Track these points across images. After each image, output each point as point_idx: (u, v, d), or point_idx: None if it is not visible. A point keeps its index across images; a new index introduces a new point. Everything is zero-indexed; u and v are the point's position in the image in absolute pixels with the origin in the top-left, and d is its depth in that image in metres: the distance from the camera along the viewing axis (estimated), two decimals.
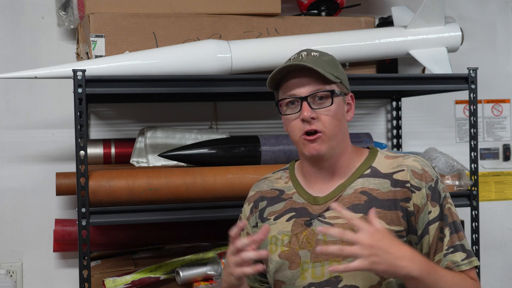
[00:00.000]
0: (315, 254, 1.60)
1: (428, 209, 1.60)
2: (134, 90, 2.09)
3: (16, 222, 2.65)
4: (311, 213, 1.64)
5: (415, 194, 1.60)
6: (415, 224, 1.60)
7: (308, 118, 1.59)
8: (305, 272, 1.61)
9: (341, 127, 1.64)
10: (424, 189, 1.60)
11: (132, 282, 2.30)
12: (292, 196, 1.69)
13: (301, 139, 1.62)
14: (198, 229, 2.51)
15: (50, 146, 2.67)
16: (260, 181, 1.80)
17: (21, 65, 2.60)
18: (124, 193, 2.09)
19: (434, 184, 1.62)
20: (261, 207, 1.73)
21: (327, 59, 1.65)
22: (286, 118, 1.65)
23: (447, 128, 3.11)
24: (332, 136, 1.61)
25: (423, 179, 1.61)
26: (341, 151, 1.65)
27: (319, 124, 1.60)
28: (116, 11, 2.23)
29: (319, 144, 1.60)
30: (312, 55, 1.64)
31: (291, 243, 1.64)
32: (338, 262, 1.57)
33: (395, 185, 1.61)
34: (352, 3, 2.68)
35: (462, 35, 2.43)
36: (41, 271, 2.66)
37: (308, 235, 1.62)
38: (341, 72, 1.68)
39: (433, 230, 1.60)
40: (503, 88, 3.18)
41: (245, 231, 1.77)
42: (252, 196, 1.78)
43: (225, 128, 2.79)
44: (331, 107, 1.61)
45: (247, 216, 1.77)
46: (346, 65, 2.45)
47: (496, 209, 3.15)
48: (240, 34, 2.35)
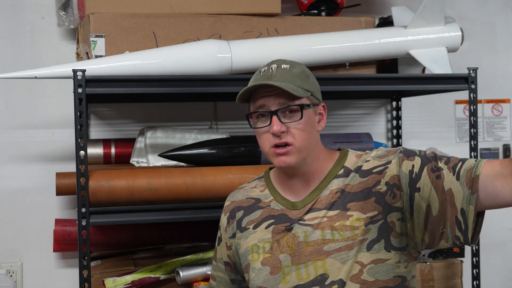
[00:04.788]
0: (297, 256, 1.62)
1: (407, 167, 1.59)
2: (134, 90, 2.09)
3: (16, 222, 2.65)
4: (291, 218, 1.66)
5: (388, 168, 1.61)
6: (401, 190, 1.58)
7: (278, 132, 1.61)
8: (286, 276, 1.63)
9: (311, 139, 1.65)
10: (394, 159, 1.61)
11: (132, 282, 2.30)
12: (270, 203, 1.72)
13: (270, 151, 1.64)
14: (198, 229, 2.51)
15: (50, 146, 2.67)
16: (235, 191, 1.82)
17: (21, 65, 2.60)
18: (124, 193, 2.09)
19: (401, 149, 1.64)
20: (238, 217, 1.75)
21: (297, 71, 1.65)
22: (257, 131, 1.67)
23: (447, 128, 3.11)
24: (302, 148, 1.63)
25: (389, 154, 1.64)
26: (312, 160, 1.67)
27: (289, 137, 1.62)
28: (116, 11, 2.23)
29: (289, 156, 1.62)
30: (282, 68, 1.65)
31: (272, 249, 1.66)
32: (322, 260, 1.59)
33: (363, 175, 1.64)
34: (352, 3, 2.68)
35: (462, 35, 2.43)
36: (41, 271, 2.66)
37: (289, 239, 1.65)
38: (312, 83, 1.68)
39: (425, 176, 1.57)
40: (503, 88, 3.18)
41: (224, 242, 1.80)
42: (227, 206, 1.81)
43: (225, 128, 2.80)
44: (300, 120, 1.63)
45: (224, 227, 1.80)
46: (346, 65, 2.45)
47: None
48: (240, 34, 2.35)
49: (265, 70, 1.66)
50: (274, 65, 1.66)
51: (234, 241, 1.76)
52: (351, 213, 1.61)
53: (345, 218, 1.60)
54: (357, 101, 2.98)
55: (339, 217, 1.61)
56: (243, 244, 1.72)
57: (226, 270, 1.82)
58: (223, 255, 1.81)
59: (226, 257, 1.81)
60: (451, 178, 1.54)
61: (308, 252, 1.61)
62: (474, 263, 2.40)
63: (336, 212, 1.62)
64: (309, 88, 1.65)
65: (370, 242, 1.58)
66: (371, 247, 1.58)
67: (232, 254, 1.78)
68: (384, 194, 1.60)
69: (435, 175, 1.56)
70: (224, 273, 1.83)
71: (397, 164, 1.61)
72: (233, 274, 1.82)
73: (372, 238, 1.58)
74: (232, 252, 1.78)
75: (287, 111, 1.62)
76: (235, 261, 1.78)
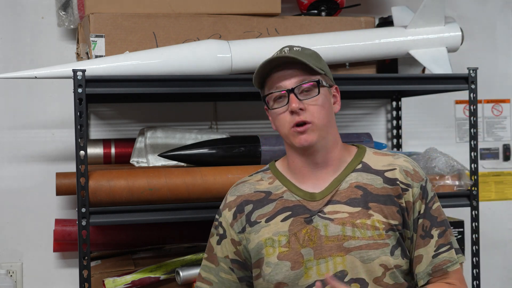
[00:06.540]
0: (319, 250, 1.61)
1: (419, 207, 1.65)
2: (134, 90, 2.09)
3: (16, 222, 2.65)
4: (310, 210, 1.64)
5: (408, 192, 1.65)
6: (408, 220, 1.65)
7: (297, 109, 1.60)
8: (309, 270, 1.61)
9: (329, 117, 1.65)
10: (416, 188, 1.65)
11: (132, 282, 2.30)
12: (283, 195, 1.68)
13: (291, 131, 1.63)
14: (198, 229, 2.51)
15: (50, 146, 2.67)
16: (239, 185, 1.77)
17: (21, 65, 2.61)
18: (124, 193, 2.09)
19: (424, 183, 1.68)
20: (247, 211, 1.70)
21: (310, 52, 1.68)
22: (274, 112, 1.66)
23: (447, 128, 3.11)
24: (322, 126, 1.62)
25: (415, 179, 1.67)
26: (332, 144, 1.67)
27: (308, 114, 1.61)
28: (116, 11, 2.23)
29: (309, 134, 1.61)
30: (294, 49, 1.66)
31: (290, 243, 1.63)
32: (342, 257, 1.59)
33: (387, 182, 1.65)
34: (352, 3, 2.68)
35: (462, 35, 2.43)
36: (41, 271, 2.66)
37: (310, 232, 1.62)
38: (325, 65, 1.71)
39: (418, 226, 1.66)
40: (503, 88, 3.18)
41: (229, 238, 1.73)
42: (232, 201, 1.74)
43: (225, 128, 2.79)
44: (318, 97, 1.63)
45: (229, 222, 1.72)
46: (346, 65, 2.45)
47: (496, 209, 3.15)
48: (240, 34, 2.35)
49: (277, 53, 1.67)
50: (287, 48, 1.68)
51: (244, 235, 1.69)
52: (372, 212, 1.62)
53: (367, 217, 1.62)
54: (357, 101, 2.98)
55: (361, 215, 1.62)
56: (253, 239, 1.67)
57: (233, 269, 1.73)
58: (228, 252, 1.73)
59: (233, 254, 1.72)
60: (430, 251, 1.65)
61: (328, 247, 1.60)
62: (474, 263, 2.39)
63: (357, 210, 1.62)
64: (323, 67, 1.67)
65: (392, 248, 1.61)
66: (393, 253, 1.61)
67: (242, 250, 1.71)
68: (404, 210, 1.65)
69: (424, 234, 1.65)
70: (228, 273, 1.74)
71: (414, 196, 1.65)
72: (241, 271, 1.73)
73: (393, 244, 1.62)
74: (242, 248, 1.70)
75: (304, 90, 1.62)
76: (246, 257, 1.71)
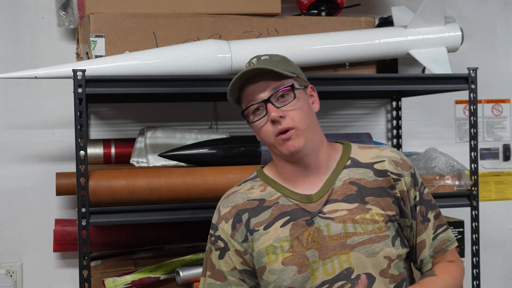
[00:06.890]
0: (324, 251, 1.61)
1: (413, 194, 1.70)
2: (134, 90, 2.09)
3: (16, 222, 2.65)
4: (310, 212, 1.64)
5: (400, 182, 1.68)
6: (405, 208, 1.69)
7: (277, 117, 1.61)
8: (315, 272, 1.61)
9: (311, 118, 1.66)
10: (407, 177, 1.69)
11: (132, 282, 2.30)
12: (278, 201, 1.67)
13: (276, 140, 1.63)
14: (198, 229, 2.51)
15: (50, 146, 2.67)
16: (230, 196, 1.74)
17: (21, 65, 2.61)
18: (124, 193, 2.09)
19: (413, 171, 1.72)
20: (245, 220, 1.68)
21: (278, 58, 1.69)
22: (256, 126, 1.67)
23: (447, 128, 3.11)
24: (305, 129, 1.63)
25: (404, 168, 1.70)
26: (319, 144, 1.68)
27: (289, 120, 1.62)
28: (116, 11, 2.23)
29: (295, 140, 1.62)
30: (262, 59, 1.68)
31: (293, 247, 1.63)
32: (346, 254, 1.60)
33: (377, 174, 1.68)
34: (352, 3, 2.68)
35: (462, 35, 2.43)
36: (41, 271, 2.66)
37: (313, 234, 1.62)
38: (295, 67, 1.71)
39: (417, 214, 1.70)
40: (503, 88, 3.18)
41: (233, 250, 1.68)
42: (227, 212, 1.71)
43: (225, 128, 2.80)
44: (295, 101, 1.64)
45: (229, 234, 1.69)
46: (346, 65, 2.45)
47: (496, 209, 3.16)
48: (240, 34, 2.35)
49: (246, 67, 1.68)
50: (254, 59, 1.69)
51: (248, 244, 1.67)
52: (370, 206, 1.64)
53: (365, 211, 1.64)
54: (357, 101, 2.98)
55: (359, 210, 1.63)
56: (255, 247, 1.66)
57: (244, 279, 1.68)
58: (235, 263, 1.68)
59: (240, 265, 1.68)
60: (430, 234, 1.71)
61: (332, 246, 1.61)
62: (474, 263, 2.40)
63: (355, 205, 1.64)
64: (294, 70, 1.68)
65: (392, 238, 1.63)
66: (394, 243, 1.63)
67: (249, 259, 1.67)
68: (400, 200, 1.68)
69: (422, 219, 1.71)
70: (238, 285, 1.69)
71: (406, 185, 1.69)
72: (252, 280, 1.69)
73: (392, 235, 1.64)
74: (248, 257, 1.67)
75: (279, 97, 1.63)
76: (253, 265, 1.68)
